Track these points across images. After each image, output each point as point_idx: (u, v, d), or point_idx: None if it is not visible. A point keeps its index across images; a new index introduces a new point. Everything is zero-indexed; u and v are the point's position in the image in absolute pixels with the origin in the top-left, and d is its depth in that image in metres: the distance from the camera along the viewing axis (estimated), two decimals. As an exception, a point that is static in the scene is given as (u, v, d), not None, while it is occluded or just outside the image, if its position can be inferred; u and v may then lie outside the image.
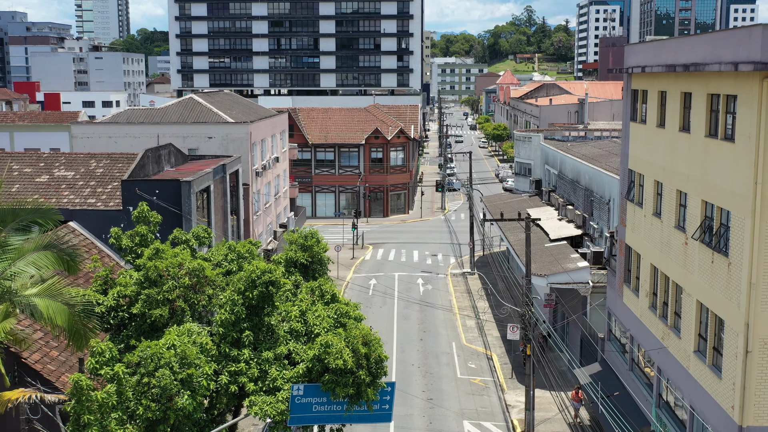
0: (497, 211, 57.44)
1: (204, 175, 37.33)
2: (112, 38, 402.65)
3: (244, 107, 58.45)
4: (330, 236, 74.98)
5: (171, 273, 22.58)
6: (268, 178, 55.24)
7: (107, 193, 37.26)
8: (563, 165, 52.08)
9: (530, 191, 60.62)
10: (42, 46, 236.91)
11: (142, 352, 19.79)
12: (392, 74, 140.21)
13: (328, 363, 20.89)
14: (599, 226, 41.74)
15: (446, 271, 62.27)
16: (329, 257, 28.03)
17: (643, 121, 29.27)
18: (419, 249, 69.77)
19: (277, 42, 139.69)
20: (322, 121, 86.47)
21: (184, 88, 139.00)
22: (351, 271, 62.00)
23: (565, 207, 48.51)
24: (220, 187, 41.09)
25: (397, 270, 62.49)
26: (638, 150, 29.68)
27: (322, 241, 27.46)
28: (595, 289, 37.80)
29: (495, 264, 61.97)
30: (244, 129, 48.54)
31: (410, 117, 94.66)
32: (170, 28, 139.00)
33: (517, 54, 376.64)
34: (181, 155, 44.24)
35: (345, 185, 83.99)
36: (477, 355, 43.86)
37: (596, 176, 42.92)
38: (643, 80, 28.90)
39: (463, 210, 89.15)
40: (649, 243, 28.17)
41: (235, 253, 25.01)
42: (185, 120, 49.90)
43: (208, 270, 23.02)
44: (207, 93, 56.26)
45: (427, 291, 56.53)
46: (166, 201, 34.56)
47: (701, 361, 23.27)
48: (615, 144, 54.21)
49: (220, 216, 40.95)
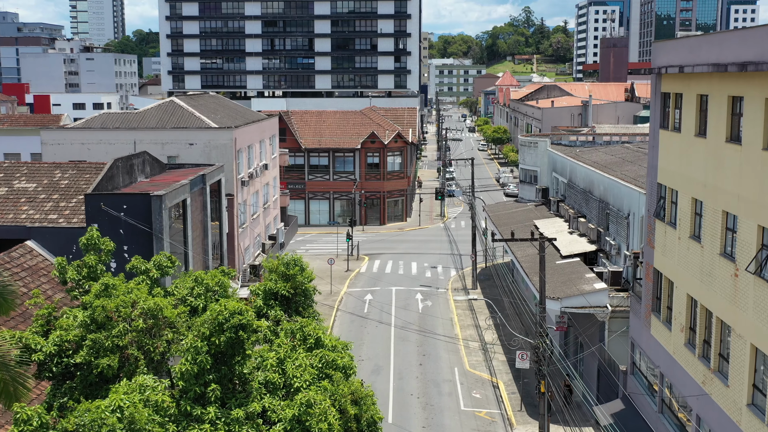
0: (502, 222, 53.68)
1: (179, 188, 33.49)
2: (107, 39, 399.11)
3: (230, 111, 54.63)
4: (323, 246, 71.23)
5: (122, 314, 18.78)
6: (255, 186, 51.42)
7: (71, 208, 33.43)
8: (573, 173, 48.32)
9: (536, 200, 56.83)
10: (33, 47, 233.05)
11: (80, 418, 16.02)
12: (389, 75, 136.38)
13: (310, 426, 17.13)
14: (616, 242, 37.95)
15: (447, 285, 58.48)
16: (315, 287, 24.22)
17: (676, 129, 25.49)
18: (418, 260, 65.98)
19: (270, 42, 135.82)
20: (315, 125, 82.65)
21: (176, 90, 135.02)
22: (345, 285, 58.17)
23: (577, 219, 44.72)
24: (198, 200, 37.26)
25: (395, 283, 58.70)
26: (670, 162, 25.89)
27: (307, 269, 23.62)
28: (614, 313, 34.04)
29: (498, 277, 58.20)
30: (228, 135, 44.73)
31: (408, 120, 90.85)
32: (161, 28, 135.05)
33: (515, 55, 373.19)
34: (158, 164, 40.42)
35: (340, 192, 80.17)
36: (482, 383, 40.06)
37: (612, 187, 39.15)
38: (677, 82, 25.12)
39: (463, 217, 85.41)
40: (685, 270, 24.37)
41: (203, 287, 21.17)
42: (164, 125, 46.08)
43: (168, 309, 19.18)
44: (190, 96, 52.50)
45: (426, 308, 52.74)
46: (136, 217, 30.76)
47: (758, 418, 19.47)
48: (627, 150, 50.46)
49: (198, 232, 37.12)
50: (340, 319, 50.54)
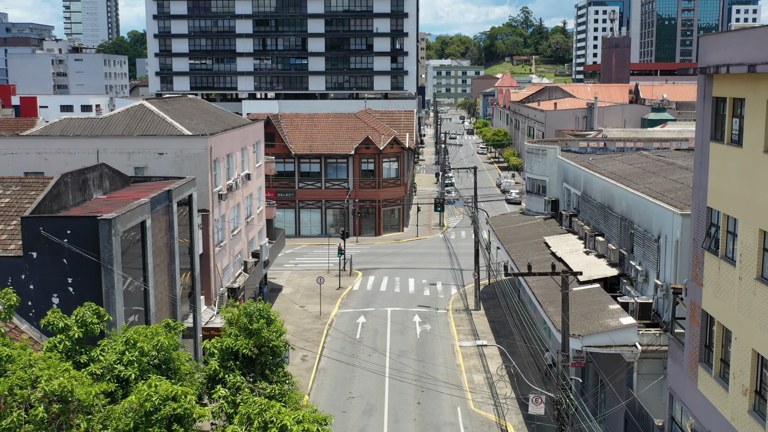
0: (508, 238, 48.81)
1: (136, 208, 28.59)
2: (101, 40, 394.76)
3: (209, 116, 49.70)
4: (314, 260, 66.32)
5: (18, 397, 13.91)
6: (236, 199, 46.53)
7: (9, 232, 28.53)
8: (588, 185, 43.48)
9: (545, 213, 51.97)
10: (22, 48, 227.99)
11: None
12: (386, 76, 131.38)
13: None
14: (643, 267, 33.10)
15: (447, 305, 53.58)
16: (288, 342, 19.32)
17: (735, 143, 20.66)
18: (415, 276, 61.07)
19: (262, 42, 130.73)
20: (306, 129, 77.73)
21: (164, 91, 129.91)
22: (336, 306, 53.25)
23: (594, 238, 39.84)
24: (163, 220, 32.35)
25: (390, 303, 53.81)
26: (726, 183, 21.05)
27: (277, 320, 18.73)
28: (645, 353, 29.23)
29: (503, 296, 53.35)
30: (203, 143, 39.82)
31: (405, 123, 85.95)
32: (148, 27, 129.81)
33: (513, 56, 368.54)
34: (120, 178, 35.53)
35: (332, 200, 75.25)
36: (489, 426, 35.17)
37: (638, 204, 34.31)
38: (737, 84, 20.28)
39: (463, 226, 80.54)
40: (748, 319, 19.54)
41: (136, 351, 16.30)
42: (132, 132, 41.18)
43: (80, 389, 14.31)
44: (164, 99, 47.53)
45: (425, 333, 47.85)
46: (81, 244, 25.91)
47: None
48: (647, 159, 45.65)
49: (162, 257, 32.20)
50: (330, 345, 45.68)
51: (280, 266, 63.58)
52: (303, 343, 45.38)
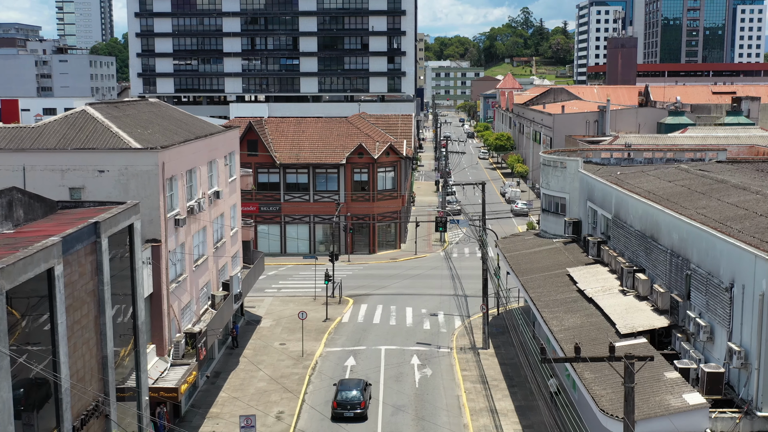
0: (522, 268, 41.46)
1: (36, 253, 21.23)
2: (94, 41, 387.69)
3: (171, 123, 42.26)
4: (300, 283, 58.92)
5: None
6: (201, 222, 39.16)
7: None
8: (622, 206, 36.13)
9: (564, 236, 44.65)
10: (7, 49, 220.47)
11: None
12: (382, 78, 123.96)
13: None
14: (707, 322, 25.76)
15: (450, 342, 46.21)
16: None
17: None
18: (414, 304, 53.68)
19: (251, 41, 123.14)
20: (294, 136, 70.37)
21: (147, 94, 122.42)
22: (321, 343, 45.86)
23: (632, 274, 32.47)
24: (86, 262, 24.98)
25: (385, 340, 46.45)
26: None
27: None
28: (719, 446, 21.96)
29: (515, 331, 45.97)
30: (152, 158, 32.43)
31: (402, 129, 78.53)
32: (129, 26, 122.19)
33: (513, 57, 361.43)
34: (41, 204, 28.18)
35: (321, 215, 67.85)
36: None
37: (697, 238, 26.97)
38: None
39: (466, 243, 73.20)
40: None
41: None
42: (66, 145, 33.78)
43: None
44: (115, 103, 40.12)
45: (425, 379, 40.46)
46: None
47: None
48: (688, 174, 38.33)
49: (87, 309, 24.82)
50: (312, 396, 38.28)
51: (261, 291, 56.21)
52: (280, 395, 38.03)
